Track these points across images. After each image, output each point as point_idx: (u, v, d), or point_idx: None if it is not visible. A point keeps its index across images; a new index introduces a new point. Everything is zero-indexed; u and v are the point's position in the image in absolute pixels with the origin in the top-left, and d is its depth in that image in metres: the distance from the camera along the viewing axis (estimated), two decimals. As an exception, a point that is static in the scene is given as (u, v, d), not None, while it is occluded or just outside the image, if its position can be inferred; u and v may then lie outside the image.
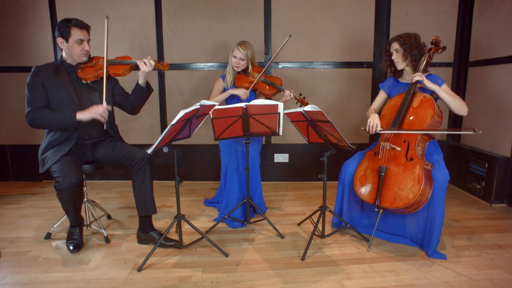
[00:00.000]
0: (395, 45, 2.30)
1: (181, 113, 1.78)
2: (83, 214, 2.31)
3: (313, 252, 2.15)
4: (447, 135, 3.67)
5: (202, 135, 3.51)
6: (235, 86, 2.76)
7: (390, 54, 2.35)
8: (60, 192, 1.99)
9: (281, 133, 2.36)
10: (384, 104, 2.51)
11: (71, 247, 2.16)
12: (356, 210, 2.41)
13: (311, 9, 3.43)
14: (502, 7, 2.98)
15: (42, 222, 2.62)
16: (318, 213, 2.28)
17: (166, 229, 2.20)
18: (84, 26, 2.15)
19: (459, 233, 2.41)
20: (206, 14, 3.43)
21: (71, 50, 2.15)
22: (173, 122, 1.78)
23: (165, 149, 1.96)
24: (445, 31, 3.44)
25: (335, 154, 2.10)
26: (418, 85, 2.21)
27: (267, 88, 2.71)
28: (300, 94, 2.67)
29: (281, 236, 2.37)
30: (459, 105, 2.16)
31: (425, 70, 2.31)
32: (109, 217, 2.72)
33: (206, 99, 2.74)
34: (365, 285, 1.82)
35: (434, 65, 3.43)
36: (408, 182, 2.03)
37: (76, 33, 2.11)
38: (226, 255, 2.12)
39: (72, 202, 2.07)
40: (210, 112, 2.16)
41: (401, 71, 2.40)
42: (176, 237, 2.25)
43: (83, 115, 2.08)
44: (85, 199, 2.36)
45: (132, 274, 1.92)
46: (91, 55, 2.27)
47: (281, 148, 3.65)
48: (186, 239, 2.28)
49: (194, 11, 3.43)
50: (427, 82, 2.16)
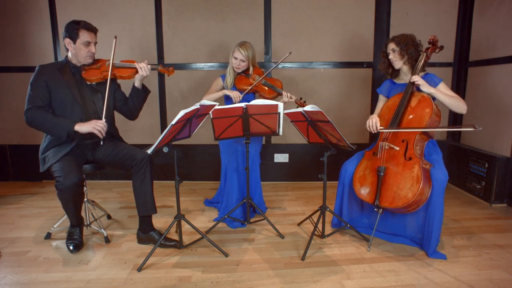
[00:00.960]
0: (392, 45, 2.32)
1: (181, 113, 1.78)
2: (83, 214, 2.31)
3: (313, 252, 2.16)
4: (447, 135, 3.67)
5: (202, 135, 3.51)
6: (235, 88, 2.75)
7: (388, 55, 2.37)
8: (61, 191, 2.00)
9: (281, 133, 2.36)
10: None
11: (71, 247, 2.17)
12: (356, 210, 2.41)
13: (311, 9, 3.44)
14: (502, 7, 2.98)
15: (42, 222, 2.63)
16: (318, 213, 2.29)
17: (166, 229, 2.20)
18: (92, 29, 2.18)
19: (459, 233, 2.41)
20: (206, 14, 3.43)
21: (78, 51, 2.17)
22: (173, 122, 1.79)
23: (165, 149, 1.96)
24: (445, 31, 3.45)
25: (335, 154, 2.10)
26: (415, 84, 2.21)
27: (267, 90, 2.69)
28: (301, 98, 2.66)
29: (281, 236, 2.38)
30: (457, 105, 2.16)
31: (422, 69, 2.32)
32: (109, 217, 2.72)
33: (205, 95, 2.76)
34: (365, 285, 1.82)
35: (434, 65, 3.43)
36: (407, 182, 2.04)
37: (84, 35, 2.13)
38: (226, 255, 2.12)
39: (73, 202, 2.08)
40: (210, 112, 2.16)
41: (398, 71, 2.41)
42: (176, 237, 2.25)
43: (81, 127, 2.10)
44: (85, 199, 2.36)
45: (132, 274, 1.93)
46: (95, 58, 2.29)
47: (281, 148, 3.66)
48: (186, 239, 2.29)
49: (194, 11, 3.43)
50: (424, 87, 2.16)
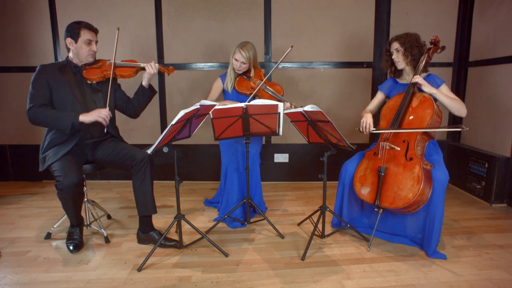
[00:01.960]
0: (396, 45, 2.31)
1: (181, 113, 1.78)
2: (83, 214, 2.31)
3: (313, 252, 2.15)
4: (447, 135, 3.68)
5: (202, 135, 3.51)
6: (235, 90, 2.72)
7: (391, 54, 2.36)
8: (61, 191, 2.00)
9: (281, 133, 2.36)
10: (380, 106, 2.52)
11: (71, 247, 2.17)
12: (356, 210, 2.41)
13: (311, 9, 3.43)
14: (502, 7, 2.98)
15: (42, 222, 2.62)
16: (318, 213, 2.28)
17: (166, 229, 2.20)
18: (93, 28, 2.22)
19: (459, 233, 2.41)
20: (206, 14, 3.43)
21: (79, 50, 2.19)
22: (173, 122, 1.79)
23: (165, 149, 1.96)
24: (445, 31, 3.44)
25: (335, 154, 2.10)
26: (417, 85, 2.21)
27: (268, 96, 2.66)
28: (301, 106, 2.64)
29: (281, 236, 2.37)
30: (458, 108, 2.17)
31: (425, 69, 2.31)
32: (109, 217, 2.72)
33: (206, 99, 2.75)
34: (365, 285, 1.82)
35: (434, 65, 3.43)
36: (407, 182, 2.04)
37: (85, 34, 2.17)
38: (226, 255, 2.12)
39: (73, 202, 2.08)
40: (210, 112, 2.16)
41: (401, 71, 2.41)
42: (176, 237, 2.25)
43: (86, 117, 2.11)
44: (85, 199, 2.36)
45: (132, 274, 1.93)
46: (96, 58, 2.30)
47: (281, 148, 3.66)
48: (186, 239, 2.29)
49: (194, 11, 3.43)
50: (426, 87, 2.16)
